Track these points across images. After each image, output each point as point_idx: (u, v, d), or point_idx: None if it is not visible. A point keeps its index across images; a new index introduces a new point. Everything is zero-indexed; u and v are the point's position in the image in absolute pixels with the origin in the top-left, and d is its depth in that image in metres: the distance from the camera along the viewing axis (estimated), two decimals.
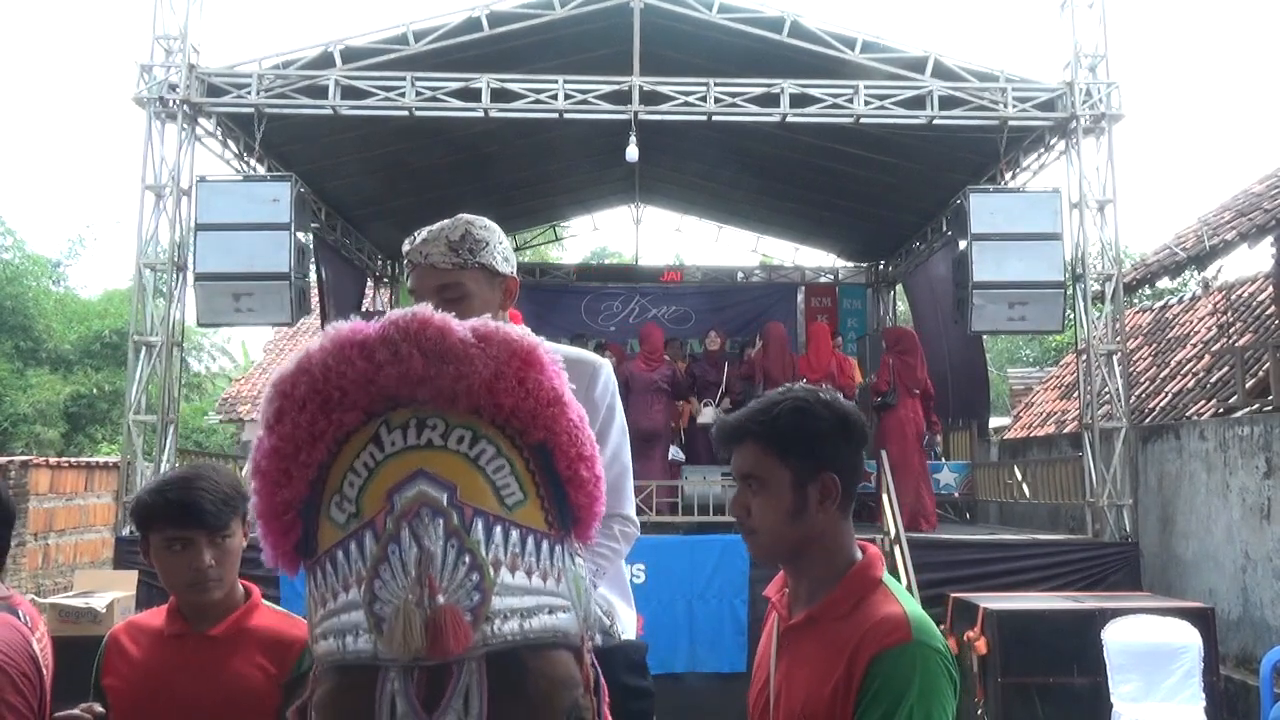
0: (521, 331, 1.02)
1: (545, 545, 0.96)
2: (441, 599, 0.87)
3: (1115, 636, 5.86)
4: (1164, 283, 12.11)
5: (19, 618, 1.96)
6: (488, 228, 1.99)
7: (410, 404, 0.96)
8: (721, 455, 1.71)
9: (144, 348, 8.08)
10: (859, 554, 1.58)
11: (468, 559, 0.89)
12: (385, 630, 0.87)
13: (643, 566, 7.31)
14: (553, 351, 2.01)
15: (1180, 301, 12.61)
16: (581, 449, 1.01)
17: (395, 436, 0.94)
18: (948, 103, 8.28)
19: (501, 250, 1.98)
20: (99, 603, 5.64)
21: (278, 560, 1.02)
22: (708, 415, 9.06)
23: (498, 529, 0.92)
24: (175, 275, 8.17)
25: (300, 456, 0.96)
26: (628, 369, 8.79)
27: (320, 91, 8.21)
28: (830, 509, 1.55)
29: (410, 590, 0.87)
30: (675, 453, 8.87)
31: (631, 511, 2.07)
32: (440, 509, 0.90)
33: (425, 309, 0.98)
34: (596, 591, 1.96)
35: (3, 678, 1.83)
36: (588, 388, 1.98)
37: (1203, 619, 6.00)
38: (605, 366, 2.07)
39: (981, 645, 6.02)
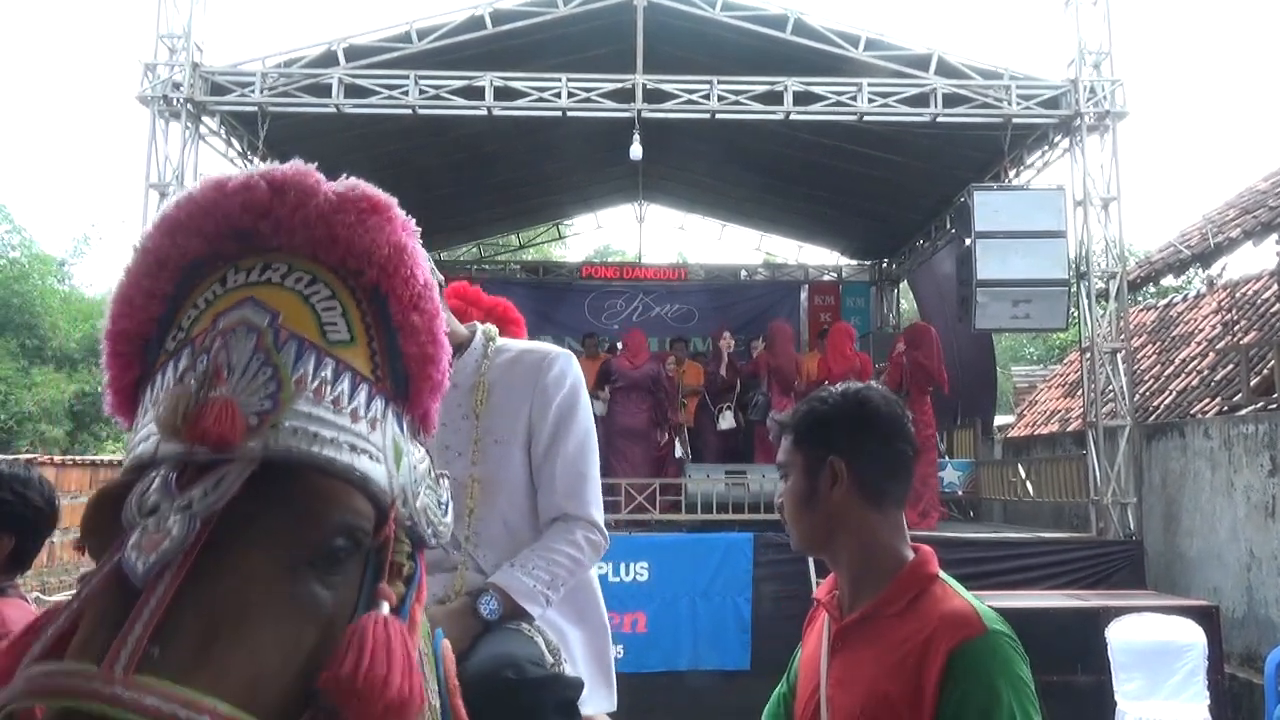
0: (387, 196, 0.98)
1: (364, 390, 0.90)
2: (223, 390, 0.82)
3: (1119, 635, 5.85)
4: (1168, 280, 12.10)
5: (30, 605, 2.18)
6: None
7: (261, 250, 0.92)
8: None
9: None
10: (909, 554, 1.57)
11: (270, 371, 0.85)
12: (154, 416, 0.84)
13: (646, 565, 7.32)
14: (510, 348, 1.90)
15: (1185, 299, 12.57)
16: (420, 300, 0.95)
17: (240, 277, 0.91)
18: (951, 100, 8.27)
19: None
20: None
21: (115, 404, 0.96)
22: (728, 420, 9.04)
23: (311, 355, 0.87)
24: None
25: (144, 283, 0.93)
26: (612, 364, 8.85)
27: (324, 90, 8.21)
28: (842, 495, 1.54)
29: (196, 379, 0.83)
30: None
31: (599, 518, 1.87)
32: (256, 327, 0.86)
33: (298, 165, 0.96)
34: (546, 613, 1.78)
35: None
36: (537, 376, 1.86)
37: (1207, 617, 5.99)
38: (564, 356, 1.90)
39: None
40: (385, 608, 0.89)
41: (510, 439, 1.84)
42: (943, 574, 1.55)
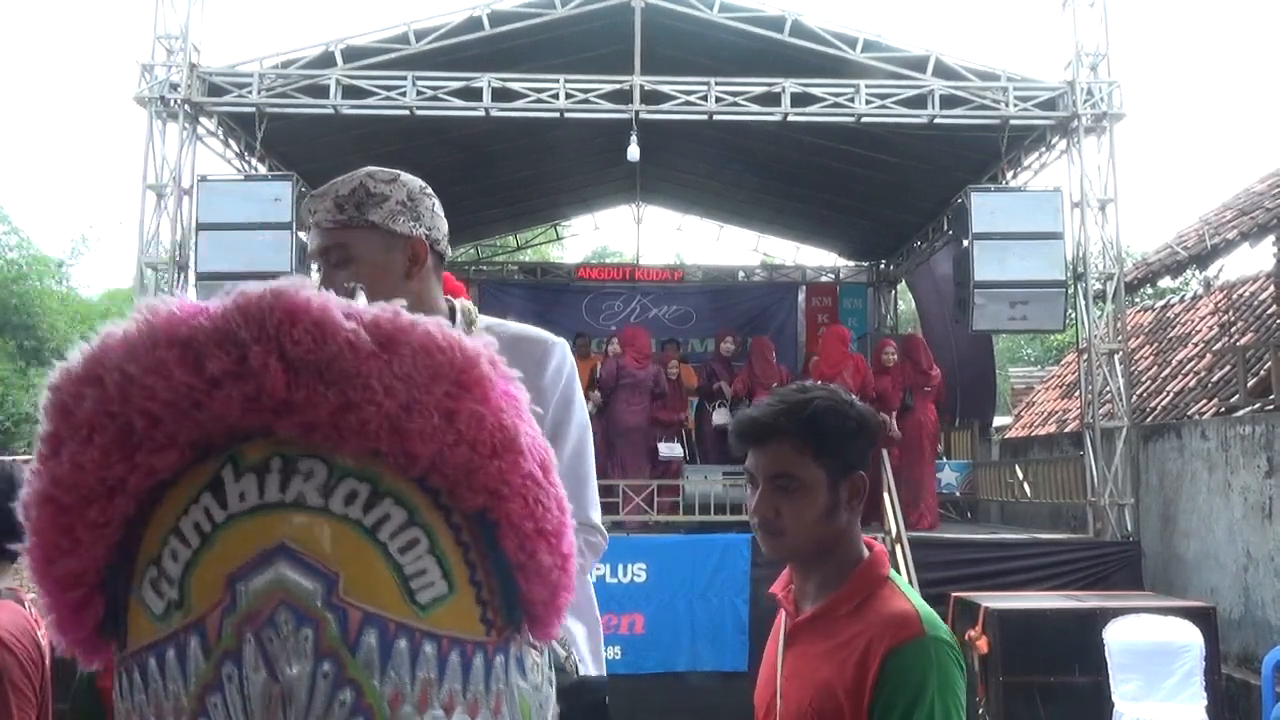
0: (450, 328, 0.65)
1: (479, 663, 0.64)
2: None
3: (1117, 636, 5.86)
4: (1165, 282, 12.12)
5: (25, 608, 2.11)
6: (393, 181, 1.63)
7: (271, 434, 0.62)
8: (738, 452, 1.61)
9: None
10: (865, 551, 1.60)
11: (349, 697, 0.58)
12: None
13: (644, 566, 7.31)
14: (499, 332, 1.72)
15: (1182, 300, 12.59)
16: (543, 521, 0.67)
17: (246, 484, 0.61)
18: (949, 102, 8.28)
19: (406, 208, 1.61)
20: None
21: (72, 647, 0.69)
22: (721, 417, 9.03)
23: (402, 645, 0.60)
24: (176, 275, 8.19)
25: (90, 513, 0.63)
26: (620, 362, 8.80)
27: (321, 91, 8.21)
28: (857, 508, 1.57)
29: None
30: (671, 449, 8.79)
31: (597, 518, 1.74)
32: (310, 612, 0.58)
33: (294, 285, 0.64)
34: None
35: (11, 660, 1.95)
36: (535, 372, 1.67)
37: (1204, 618, 6.00)
38: (560, 346, 1.75)
39: (983, 644, 6.02)
40: None
41: None
42: (892, 574, 1.59)
